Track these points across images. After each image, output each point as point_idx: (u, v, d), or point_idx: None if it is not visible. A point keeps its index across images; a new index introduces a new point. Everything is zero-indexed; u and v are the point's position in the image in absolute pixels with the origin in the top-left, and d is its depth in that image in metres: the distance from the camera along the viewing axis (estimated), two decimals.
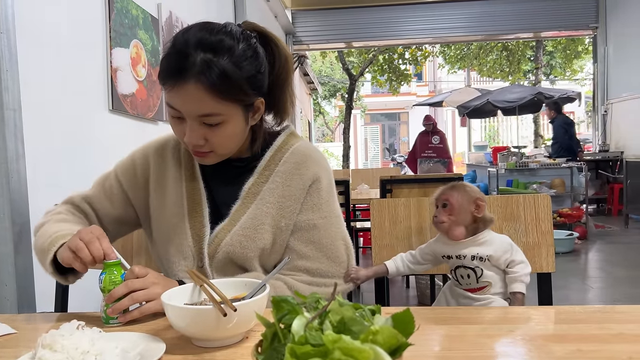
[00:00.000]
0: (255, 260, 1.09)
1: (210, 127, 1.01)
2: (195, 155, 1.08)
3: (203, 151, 1.05)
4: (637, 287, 3.95)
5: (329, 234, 1.12)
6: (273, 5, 7.11)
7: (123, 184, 1.19)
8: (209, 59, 0.96)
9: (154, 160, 1.19)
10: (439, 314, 0.93)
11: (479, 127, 19.52)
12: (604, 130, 8.48)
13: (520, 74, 14.96)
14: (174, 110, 1.01)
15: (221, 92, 0.97)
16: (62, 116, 2.12)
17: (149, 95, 2.94)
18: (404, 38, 9.21)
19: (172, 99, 1.00)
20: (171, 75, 0.97)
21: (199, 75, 0.95)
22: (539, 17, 8.47)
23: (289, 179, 1.12)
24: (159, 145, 1.22)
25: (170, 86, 0.98)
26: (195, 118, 1.00)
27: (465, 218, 1.09)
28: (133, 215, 1.21)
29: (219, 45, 0.97)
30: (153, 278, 0.95)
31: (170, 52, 1.00)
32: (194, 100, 0.97)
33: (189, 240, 1.10)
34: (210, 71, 0.95)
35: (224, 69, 0.96)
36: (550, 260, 1.27)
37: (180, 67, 0.96)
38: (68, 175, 2.13)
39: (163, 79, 1.00)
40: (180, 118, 1.02)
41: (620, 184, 6.92)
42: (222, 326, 0.75)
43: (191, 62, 0.95)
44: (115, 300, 0.91)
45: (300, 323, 0.56)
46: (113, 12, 2.53)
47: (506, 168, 6.78)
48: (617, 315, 0.88)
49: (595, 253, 5.30)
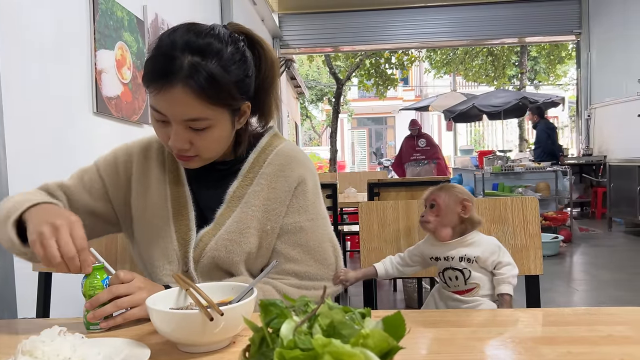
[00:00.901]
0: (241, 265, 1.07)
1: (196, 131, 0.99)
2: (180, 159, 1.06)
3: (188, 155, 1.03)
4: (622, 290, 4.00)
5: (316, 236, 1.10)
6: (260, 8, 7.10)
7: (104, 178, 1.16)
8: (197, 62, 0.93)
9: (138, 160, 1.17)
10: (428, 317, 0.93)
11: (464, 131, 19.68)
12: (587, 135, 8.59)
13: (505, 79, 15.12)
14: (159, 113, 0.98)
15: (209, 96, 0.95)
16: (45, 119, 2.09)
17: (134, 97, 2.91)
18: (390, 42, 9.28)
19: (157, 103, 0.97)
20: (157, 78, 0.95)
21: (186, 79, 0.93)
22: (523, 22, 8.59)
23: (273, 181, 1.11)
24: (143, 145, 1.19)
25: (156, 90, 0.95)
26: (181, 122, 0.98)
27: (452, 219, 1.09)
28: (110, 212, 1.17)
29: (207, 49, 0.95)
30: (139, 283, 0.93)
31: (156, 54, 0.97)
32: (180, 105, 0.95)
33: (174, 244, 1.08)
34: (198, 75, 0.93)
35: (212, 73, 0.94)
36: (538, 262, 1.27)
37: (166, 70, 0.93)
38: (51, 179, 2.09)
39: (148, 82, 0.97)
40: (165, 122, 1.00)
41: (604, 187, 7.01)
42: (209, 331, 0.73)
43: (178, 65, 0.93)
44: (98, 306, 0.89)
45: (289, 327, 0.55)
46: (97, 13, 2.50)
47: (492, 172, 6.83)
48: (605, 317, 0.88)
49: (580, 256, 5.35)
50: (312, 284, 1.08)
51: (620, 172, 6.25)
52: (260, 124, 1.17)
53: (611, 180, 6.44)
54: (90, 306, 0.89)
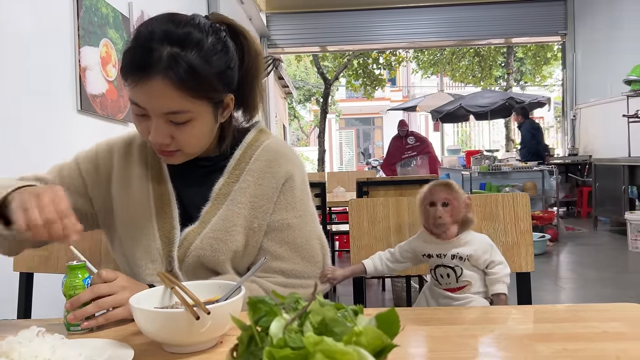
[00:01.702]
0: (227, 263, 1.05)
1: (177, 125, 0.96)
2: (161, 154, 1.02)
3: (169, 150, 1.00)
4: (607, 287, 4.03)
5: (303, 234, 1.08)
6: (247, 7, 7.07)
7: (83, 174, 1.13)
8: (176, 53, 0.90)
9: (119, 156, 1.13)
10: (420, 315, 0.91)
11: (451, 131, 19.79)
12: (573, 135, 8.67)
13: (491, 80, 15.24)
14: (138, 107, 0.95)
15: (189, 88, 0.92)
16: (27, 116, 2.04)
17: (120, 95, 2.86)
18: (378, 43, 9.30)
19: (136, 96, 0.93)
20: (135, 70, 0.91)
21: (165, 70, 0.89)
22: (510, 23, 8.67)
23: (260, 177, 1.08)
24: (125, 141, 1.16)
25: (134, 82, 0.91)
26: (161, 116, 0.94)
27: (460, 217, 1.10)
28: (89, 209, 1.13)
29: (186, 39, 0.92)
30: (122, 282, 0.90)
31: (134, 45, 0.93)
32: (159, 97, 0.92)
33: (157, 243, 1.04)
34: (178, 66, 0.90)
35: (192, 64, 0.91)
36: (530, 259, 1.26)
37: (145, 62, 0.90)
38: None
39: (126, 74, 0.93)
40: (144, 116, 0.96)
41: (589, 187, 7.08)
42: (195, 330, 0.71)
43: (157, 56, 0.89)
44: (79, 307, 0.85)
45: (279, 325, 0.53)
46: (82, 9, 2.45)
47: (479, 171, 6.86)
48: (599, 313, 0.87)
49: (567, 255, 5.39)
50: (300, 282, 1.05)
51: (606, 172, 6.31)
52: (245, 117, 1.14)
53: (596, 179, 6.50)
54: (71, 306, 0.85)
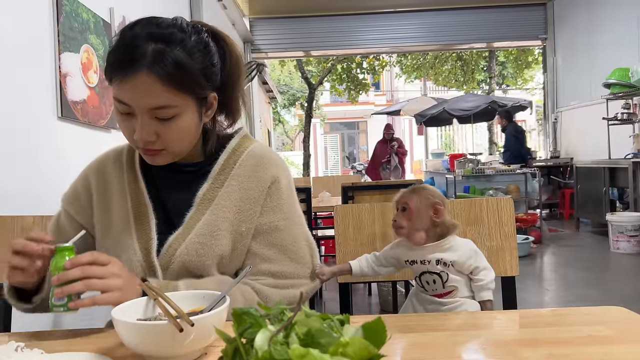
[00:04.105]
0: (214, 268, 1.03)
1: (162, 121, 0.96)
2: (146, 154, 1.01)
3: (155, 149, 0.99)
4: (589, 288, 4.08)
5: (291, 235, 1.08)
6: (230, 12, 7.05)
7: (73, 215, 1.12)
8: (160, 48, 0.92)
9: (95, 180, 1.12)
10: (407, 322, 0.91)
11: (435, 135, 19.93)
12: (554, 138, 8.79)
13: (474, 84, 15.40)
14: (123, 105, 0.95)
15: (174, 82, 0.93)
16: (6, 123, 2.00)
17: (102, 102, 2.83)
18: (361, 47, 9.34)
19: (121, 93, 0.93)
20: (120, 67, 0.92)
21: (151, 64, 0.91)
22: (491, 28, 8.78)
23: (246, 181, 1.07)
24: (98, 163, 1.15)
25: (120, 79, 0.92)
26: (147, 112, 0.94)
27: (424, 222, 1.07)
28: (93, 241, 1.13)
29: (170, 37, 0.94)
30: (115, 269, 0.88)
31: (119, 44, 0.95)
32: (145, 92, 0.92)
33: (137, 256, 1.03)
34: (163, 60, 0.91)
35: (177, 58, 0.93)
36: (514, 263, 1.26)
37: (130, 58, 0.91)
38: (14, 185, 2.01)
39: (111, 73, 0.94)
40: (129, 114, 0.96)
41: (571, 189, 7.17)
42: (179, 342, 0.69)
43: (142, 52, 0.91)
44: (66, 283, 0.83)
45: (264, 337, 0.52)
46: (62, 15, 2.42)
47: (463, 175, 6.92)
48: (584, 317, 0.87)
49: (550, 256, 5.45)
50: (289, 282, 1.05)
51: (587, 174, 6.40)
52: (228, 121, 1.15)
53: (578, 181, 6.59)
54: (58, 280, 0.83)
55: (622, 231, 5.14)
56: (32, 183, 2.15)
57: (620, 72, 6.17)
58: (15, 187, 2.02)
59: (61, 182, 2.35)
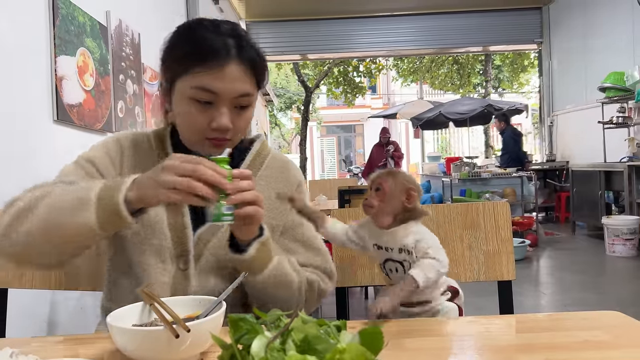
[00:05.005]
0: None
1: (238, 110, 1.02)
2: (216, 143, 1.02)
3: (226, 138, 1.02)
4: (585, 292, 4.09)
5: (310, 230, 1.15)
6: (227, 16, 7.06)
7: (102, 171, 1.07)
8: (244, 42, 1.00)
9: (129, 154, 1.10)
10: (404, 327, 0.90)
11: (431, 138, 19.97)
12: (550, 141, 8.82)
13: (470, 87, 15.44)
14: (208, 93, 0.98)
15: (255, 73, 1.02)
16: (1, 126, 2.00)
17: (98, 105, 2.82)
18: (358, 51, 9.37)
19: (210, 81, 0.97)
20: (213, 56, 0.97)
21: (238, 55, 0.98)
22: (487, 32, 8.82)
23: (274, 182, 1.14)
24: (133, 138, 1.13)
25: (209, 67, 0.97)
26: (231, 100, 1.00)
27: (395, 206, 1.03)
28: None
29: (244, 34, 1.03)
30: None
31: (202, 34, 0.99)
32: (235, 80, 0.98)
33: (168, 242, 1.03)
34: (248, 52, 1.00)
35: (257, 50, 1.02)
36: (511, 267, 1.26)
37: (222, 48, 0.97)
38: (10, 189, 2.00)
39: (194, 63, 0.97)
40: (208, 103, 0.99)
41: (567, 192, 7.19)
42: (174, 349, 0.69)
43: (230, 43, 0.98)
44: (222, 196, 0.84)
45: (261, 343, 0.52)
46: (58, 18, 2.42)
47: (459, 178, 6.93)
48: (581, 322, 0.87)
49: (546, 260, 5.46)
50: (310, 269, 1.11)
51: (583, 177, 6.42)
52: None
53: (574, 185, 6.62)
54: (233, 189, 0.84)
55: (618, 234, 5.15)
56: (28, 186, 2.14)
57: (615, 76, 6.20)
58: (10, 191, 2.00)
59: None
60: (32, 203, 0.91)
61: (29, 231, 0.88)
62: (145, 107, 3.66)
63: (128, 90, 3.32)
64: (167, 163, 0.83)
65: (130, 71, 3.36)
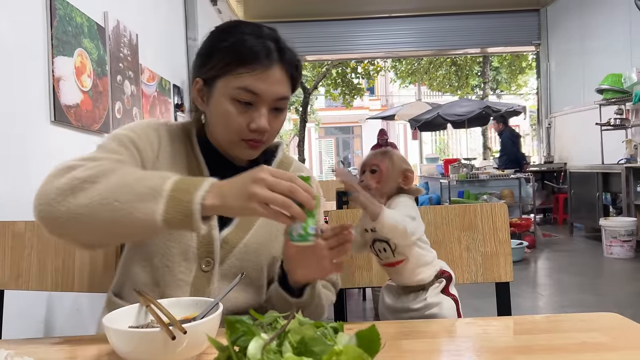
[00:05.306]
0: (265, 269, 1.07)
1: (275, 113, 1.03)
2: (252, 144, 1.03)
3: (262, 140, 1.03)
4: (583, 293, 4.09)
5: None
6: (225, 17, 7.06)
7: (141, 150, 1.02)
8: (282, 43, 1.02)
9: (166, 143, 1.07)
10: (401, 329, 0.90)
11: (429, 140, 19.98)
12: (548, 143, 8.83)
13: (468, 89, 15.46)
14: (250, 94, 0.99)
15: (293, 78, 1.04)
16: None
17: (95, 106, 2.82)
18: (356, 52, 9.37)
19: (253, 82, 0.98)
20: (260, 58, 0.98)
21: (280, 59, 1.00)
22: (485, 33, 8.83)
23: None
24: (168, 129, 1.10)
25: (253, 69, 0.98)
26: (271, 102, 1.01)
27: (392, 187, 1.03)
28: None
29: (284, 40, 1.04)
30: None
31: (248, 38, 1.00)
32: (276, 83, 1.00)
33: (193, 241, 1.02)
34: (290, 54, 1.02)
35: (295, 54, 1.04)
36: (509, 269, 1.26)
37: (268, 51, 0.99)
38: (5, 190, 1.99)
39: (245, 63, 0.98)
40: (248, 104, 1.00)
41: (565, 194, 7.20)
42: (171, 350, 0.68)
43: (275, 47, 1.00)
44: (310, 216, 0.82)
45: (257, 345, 0.52)
46: (55, 19, 2.41)
47: (457, 179, 6.93)
48: (578, 323, 0.87)
49: (544, 261, 5.46)
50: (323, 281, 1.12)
51: (580, 179, 6.43)
52: None
53: (572, 186, 6.62)
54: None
55: (615, 236, 5.16)
56: (24, 188, 2.13)
57: (612, 78, 6.21)
58: (6, 192, 2.00)
59: None
60: (93, 176, 0.84)
61: (85, 204, 0.81)
62: (142, 108, 3.66)
63: (126, 91, 3.32)
64: (259, 176, 0.79)
65: (128, 72, 3.35)
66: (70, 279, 1.30)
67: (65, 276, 1.30)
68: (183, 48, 4.99)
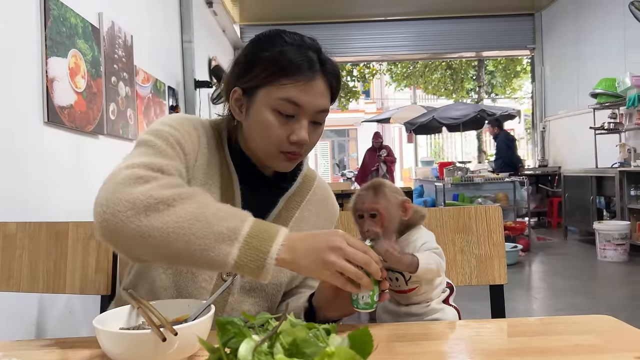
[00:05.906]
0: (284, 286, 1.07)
1: (314, 126, 1.02)
2: (290, 157, 1.01)
3: (300, 152, 1.02)
4: (577, 296, 4.10)
5: None
6: (221, 19, 7.05)
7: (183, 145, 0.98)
8: (322, 54, 1.01)
9: (203, 147, 1.03)
10: (394, 331, 0.90)
11: (425, 143, 20.01)
12: (542, 146, 8.86)
13: (463, 92, 15.51)
14: (293, 106, 0.96)
15: (333, 88, 1.03)
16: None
17: (89, 107, 2.80)
18: (352, 55, 9.39)
19: (298, 94, 0.96)
20: (305, 70, 0.97)
21: (324, 72, 0.99)
22: (480, 37, 8.88)
23: (320, 210, 1.16)
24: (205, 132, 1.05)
25: (297, 80, 0.96)
26: (312, 115, 0.99)
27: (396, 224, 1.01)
28: None
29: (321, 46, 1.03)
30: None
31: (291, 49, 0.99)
32: (320, 96, 0.99)
33: None
34: (331, 66, 1.01)
35: (335, 66, 1.03)
36: (503, 271, 1.26)
37: (313, 63, 0.98)
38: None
39: (291, 74, 0.96)
40: (289, 116, 0.97)
41: (559, 197, 7.22)
42: (162, 352, 0.68)
43: (319, 59, 0.99)
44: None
45: (248, 347, 0.51)
46: (49, 19, 2.40)
47: (452, 183, 6.94)
48: (572, 326, 0.87)
49: (538, 264, 5.47)
50: None
51: (574, 183, 6.45)
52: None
53: (566, 190, 6.64)
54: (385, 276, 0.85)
55: (609, 239, 5.18)
56: (16, 189, 2.12)
57: (606, 82, 6.25)
58: (1, 193, 1.98)
59: (46, 188, 2.33)
60: (170, 199, 0.81)
61: (159, 228, 0.78)
62: (137, 109, 3.64)
63: (120, 92, 3.31)
64: (337, 244, 0.80)
65: (122, 73, 3.34)
66: (62, 280, 1.29)
67: (57, 278, 1.29)
68: (178, 50, 4.98)
